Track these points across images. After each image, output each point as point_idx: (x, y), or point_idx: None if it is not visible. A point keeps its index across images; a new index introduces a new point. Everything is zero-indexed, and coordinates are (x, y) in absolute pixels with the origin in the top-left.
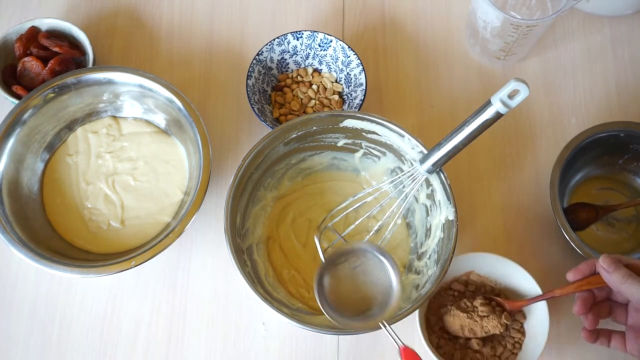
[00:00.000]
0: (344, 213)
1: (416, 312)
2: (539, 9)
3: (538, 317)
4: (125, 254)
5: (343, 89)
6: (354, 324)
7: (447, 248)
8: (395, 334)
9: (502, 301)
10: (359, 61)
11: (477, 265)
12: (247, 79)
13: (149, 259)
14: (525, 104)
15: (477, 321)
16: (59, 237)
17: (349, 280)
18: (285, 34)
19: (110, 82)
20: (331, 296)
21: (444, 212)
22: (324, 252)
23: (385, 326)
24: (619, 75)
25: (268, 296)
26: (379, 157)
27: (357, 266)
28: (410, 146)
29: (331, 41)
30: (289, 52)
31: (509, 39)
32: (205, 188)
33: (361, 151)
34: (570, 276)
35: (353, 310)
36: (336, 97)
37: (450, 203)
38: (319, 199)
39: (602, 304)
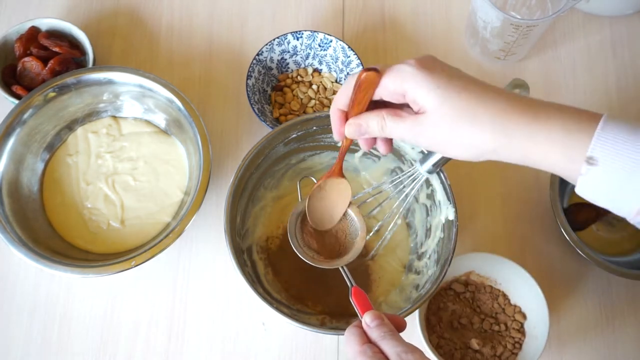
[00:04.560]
0: None
1: (416, 312)
2: (539, 9)
3: (538, 317)
4: (125, 254)
5: None
6: (318, 263)
7: (447, 248)
8: (350, 276)
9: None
10: (359, 61)
11: (477, 265)
12: (247, 79)
13: (149, 259)
14: None
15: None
16: (59, 237)
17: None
18: (285, 34)
19: (110, 82)
20: (301, 235)
21: (444, 212)
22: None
23: (342, 268)
24: (619, 75)
25: (268, 296)
26: (379, 157)
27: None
28: (410, 146)
29: (331, 41)
30: (289, 52)
31: (509, 39)
32: (205, 188)
33: (361, 151)
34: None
35: (323, 254)
36: None
37: (450, 203)
38: None
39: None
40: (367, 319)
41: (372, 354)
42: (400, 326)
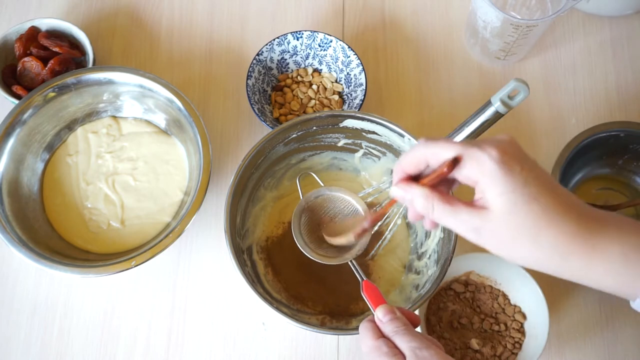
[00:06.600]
0: None
1: (416, 312)
2: (539, 9)
3: (538, 317)
4: (125, 254)
5: (343, 89)
6: (324, 259)
7: (447, 248)
8: (360, 270)
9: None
10: (359, 61)
11: (477, 265)
12: (247, 79)
13: (149, 259)
14: (525, 104)
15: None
16: (59, 237)
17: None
18: (285, 34)
19: (110, 82)
20: (306, 232)
21: None
22: (303, 193)
23: (351, 262)
24: (619, 75)
25: (268, 296)
26: (379, 157)
27: (332, 209)
28: (410, 146)
29: (331, 41)
30: (289, 52)
31: (509, 39)
32: (205, 188)
33: (361, 151)
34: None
35: (326, 249)
36: (336, 97)
37: None
38: None
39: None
40: (380, 314)
41: (387, 349)
42: (414, 321)
